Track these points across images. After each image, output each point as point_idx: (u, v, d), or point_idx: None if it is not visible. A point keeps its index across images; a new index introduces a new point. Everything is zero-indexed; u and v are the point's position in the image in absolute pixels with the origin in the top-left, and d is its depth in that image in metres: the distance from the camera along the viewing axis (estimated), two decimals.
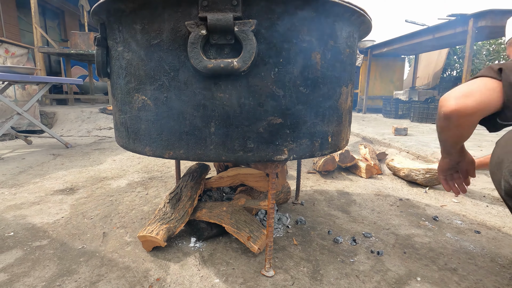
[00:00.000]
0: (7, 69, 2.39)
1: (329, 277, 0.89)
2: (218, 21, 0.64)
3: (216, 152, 0.73)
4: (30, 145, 2.93)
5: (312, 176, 1.98)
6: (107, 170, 2.06)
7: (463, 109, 0.65)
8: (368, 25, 0.90)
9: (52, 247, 1.04)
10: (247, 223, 1.03)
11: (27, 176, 1.87)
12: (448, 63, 7.85)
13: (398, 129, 3.13)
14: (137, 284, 0.84)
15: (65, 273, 0.89)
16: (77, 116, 4.07)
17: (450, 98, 0.68)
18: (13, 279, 0.86)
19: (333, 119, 0.83)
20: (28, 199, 1.49)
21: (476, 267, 0.96)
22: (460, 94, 0.67)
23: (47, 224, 1.21)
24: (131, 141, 0.83)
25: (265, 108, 0.71)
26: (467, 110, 0.65)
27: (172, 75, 0.71)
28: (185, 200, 1.09)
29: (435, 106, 4.39)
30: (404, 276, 0.91)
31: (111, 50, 0.84)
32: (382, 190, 1.72)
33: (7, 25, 5.40)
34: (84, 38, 4.71)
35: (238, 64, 0.65)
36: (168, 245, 1.04)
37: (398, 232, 1.19)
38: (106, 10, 0.79)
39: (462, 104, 0.65)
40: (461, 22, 3.73)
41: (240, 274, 0.89)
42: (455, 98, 0.67)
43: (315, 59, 0.74)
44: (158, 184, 1.76)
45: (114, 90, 0.88)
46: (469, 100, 0.65)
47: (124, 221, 1.25)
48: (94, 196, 1.54)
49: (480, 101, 0.65)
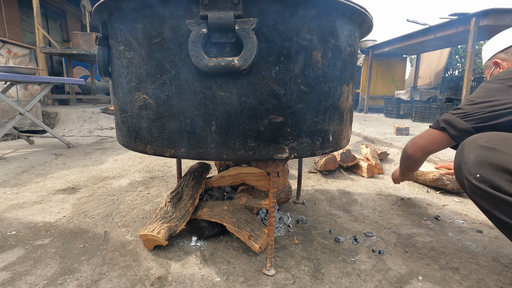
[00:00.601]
0: (9, 69, 2.40)
1: (330, 276, 0.89)
2: (219, 19, 0.64)
3: (217, 150, 0.73)
4: (32, 145, 2.94)
5: (313, 175, 1.98)
6: (109, 169, 2.07)
7: (414, 155, 1.12)
8: (369, 24, 0.90)
9: (54, 246, 1.04)
10: (248, 222, 1.03)
11: (29, 176, 1.88)
12: (450, 63, 7.83)
13: (400, 128, 3.13)
14: (138, 282, 0.84)
15: (66, 272, 0.89)
16: (79, 116, 4.08)
17: (408, 147, 1.13)
18: (15, 277, 0.86)
19: (334, 118, 0.83)
20: (30, 198, 1.50)
21: (478, 267, 0.95)
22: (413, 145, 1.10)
23: (49, 223, 1.21)
24: (132, 140, 0.83)
25: (266, 107, 0.71)
26: (417, 155, 1.10)
27: (173, 74, 0.71)
28: (186, 199, 1.09)
29: (437, 106, 4.37)
30: (405, 275, 0.90)
31: (113, 49, 0.84)
32: (383, 190, 1.71)
33: (9, 25, 5.42)
34: (85, 39, 4.73)
35: (239, 63, 0.65)
36: (169, 244, 1.04)
37: (399, 232, 1.19)
38: (108, 9, 0.79)
39: (414, 152, 1.11)
40: (463, 21, 3.72)
41: (241, 273, 0.89)
42: (410, 147, 1.11)
43: (316, 57, 0.74)
44: (160, 183, 1.76)
45: (115, 89, 0.88)
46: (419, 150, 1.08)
47: (125, 220, 1.25)
48: (95, 196, 1.54)
49: (427, 150, 1.06)
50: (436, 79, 7.06)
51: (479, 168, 0.70)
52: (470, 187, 0.74)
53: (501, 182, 0.67)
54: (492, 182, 0.68)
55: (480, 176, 0.70)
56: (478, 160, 0.70)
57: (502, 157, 0.66)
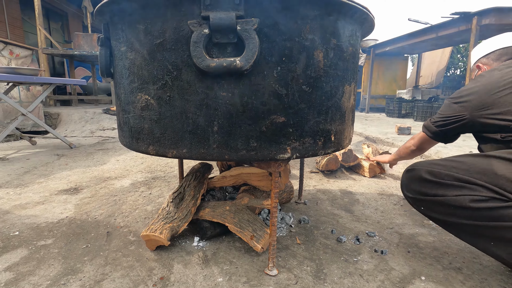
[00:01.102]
0: (11, 70, 2.41)
1: (332, 276, 0.89)
2: (220, 20, 0.64)
3: (219, 151, 0.73)
4: (35, 146, 2.96)
5: (315, 175, 1.98)
6: (111, 170, 2.08)
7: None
8: (370, 24, 0.90)
9: (57, 246, 1.04)
10: (250, 222, 1.03)
11: (31, 176, 1.89)
12: (451, 62, 7.80)
13: (402, 128, 3.12)
14: (141, 283, 0.85)
15: (69, 272, 0.90)
16: (81, 116, 4.10)
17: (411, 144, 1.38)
18: (18, 277, 0.87)
19: (336, 118, 0.83)
20: (33, 199, 1.50)
21: (481, 266, 0.95)
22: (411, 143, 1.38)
23: (51, 224, 1.22)
24: (135, 141, 0.83)
25: (268, 107, 0.71)
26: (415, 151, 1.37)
27: (175, 75, 0.71)
28: (188, 200, 1.10)
29: (439, 105, 4.36)
30: (408, 275, 0.90)
31: (115, 50, 0.84)
32: (385, 189, 1.71)
33: (11, 27, 5.45)
34: (87, 40, 4.74)
35: (241, 63, 0.65)
36: (172, 244, 1.04)
37: (402, 231, 1.19)
38: (109, 11, 0.79)
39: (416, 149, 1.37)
40: (465, 20, 3.71)
41: (244, 273, 0.89)
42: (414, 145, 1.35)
43: (318, 57, 0.74)
44: (161, 183, 1.76)
45: (117, 90, 0.88)
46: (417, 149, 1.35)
47: (127, 221, 1.26)
48: (98, 196, 1.55)
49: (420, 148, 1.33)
50: (438, 78, 7.04)
51: (409, 185, 0.95)
52: (412, 201, 0.96)
53: (424, 189, 0.89)
54: (420, 191, 0.90)
55: (412, 190, 0.93)
56: (407, 180, 0.96)
57: (417, 172, 0.91)
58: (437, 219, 0.90)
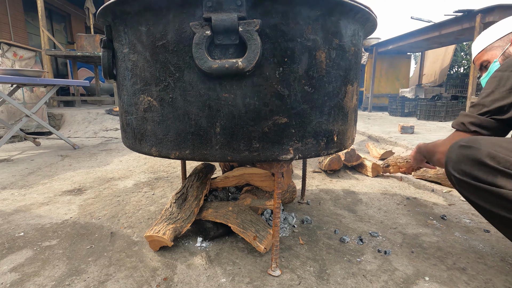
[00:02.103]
0: (15, 72, 2.43)
1: (335, 277, 0.89)
2: (222, 21, 0.64)
3: (222, 152, 0.73)
4: (39, 147, 2.98)
5: (317, 175, 1.98)
6: (114, 170, 2.09)
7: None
8: (373, 23, 0.89)
9: (61, 247, 1.05)
10: (253, 223, 1.03)
11: (36, 177, 1.90)
12: (455, 60, 7.75)
13: (405, 127, 3.10)
14: (144, 283, 0.85)
15: (74, 273, 0.90)
16: (84, 117, 4.12)
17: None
18: (24, 278, 0.88)
19: (338, 118, 0.83)
20: (37, 199, 1.51)
21: (485, 267, 0.94)
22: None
23: (56, 224, 1.23)
24: (137, 142, 0.83)
25: (270, 108, 0.71)
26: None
27: (177, 76, 0.71)
28: (191, 200, 1.10)
29: (442, 103, 4.33)
30: (412, 275, 0.90)
31: (117, 52, 0.85)
32: (388, 189, 1.70)
33: (15, 28, 5.49)
34: (90, 41, 4.77)
35: (243, 64, 0.65)
36: (175, 244, 1.04)
37: (405, 231, 1.18)
38: (112, 12, 0.79)
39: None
40: (468, 18, 3.68)
41: (247, 274, 0.90)
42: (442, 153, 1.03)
43: (320, 58, 0.74)
44: (164, 184, 1.77)
45: (120, 92, 0.88)
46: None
47: (131, 221, 1.26)
48: (101, 197, 1.56)
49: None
50: (441, 76, 6.99)
51: (460, 164, 0.79)
52: (457, 182, 0.82)
53: (479, 173, 0.75)
54: (472, 174, 0.77)
55: (462, 171, 0.79)
56: (458, 158, 0.80)
57: (476, 153, 0.76)
58: (482, 208, 0.78)
